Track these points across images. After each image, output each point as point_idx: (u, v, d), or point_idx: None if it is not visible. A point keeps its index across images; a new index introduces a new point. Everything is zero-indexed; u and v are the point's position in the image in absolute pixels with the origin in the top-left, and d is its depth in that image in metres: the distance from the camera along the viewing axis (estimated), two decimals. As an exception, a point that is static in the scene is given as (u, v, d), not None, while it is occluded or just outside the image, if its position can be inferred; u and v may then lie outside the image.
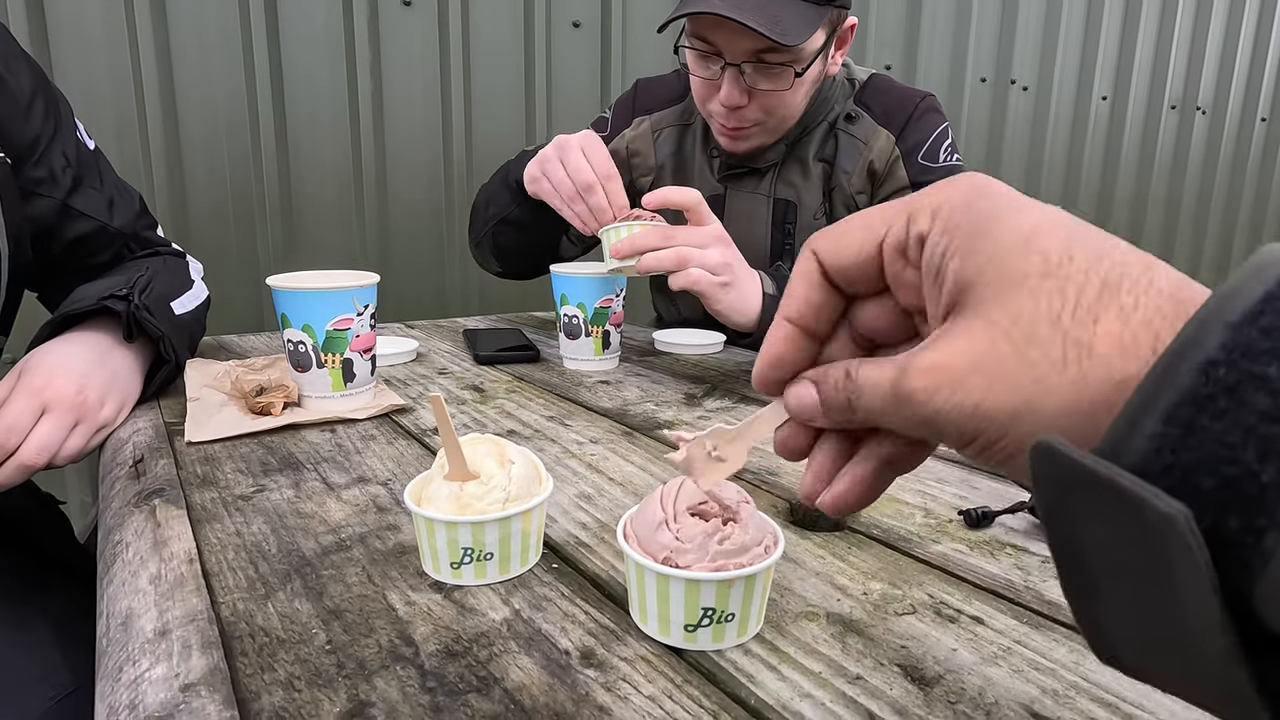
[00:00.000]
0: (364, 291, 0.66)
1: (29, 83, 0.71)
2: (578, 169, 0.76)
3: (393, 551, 0.42)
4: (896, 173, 0.95)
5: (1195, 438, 0.15)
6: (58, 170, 0.73)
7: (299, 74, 1.57)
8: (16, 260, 0.68)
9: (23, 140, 0.69)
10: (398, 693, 0.30)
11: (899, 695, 0.31)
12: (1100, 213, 2.75)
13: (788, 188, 0.99)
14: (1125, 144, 2.73)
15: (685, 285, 0.69)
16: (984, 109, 2.48)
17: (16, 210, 0.68)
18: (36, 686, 0.52)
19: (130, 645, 0.34)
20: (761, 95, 0.89)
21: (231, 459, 0.56)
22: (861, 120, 0.97)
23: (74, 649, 0.56)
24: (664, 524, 0.33)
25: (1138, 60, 2.68)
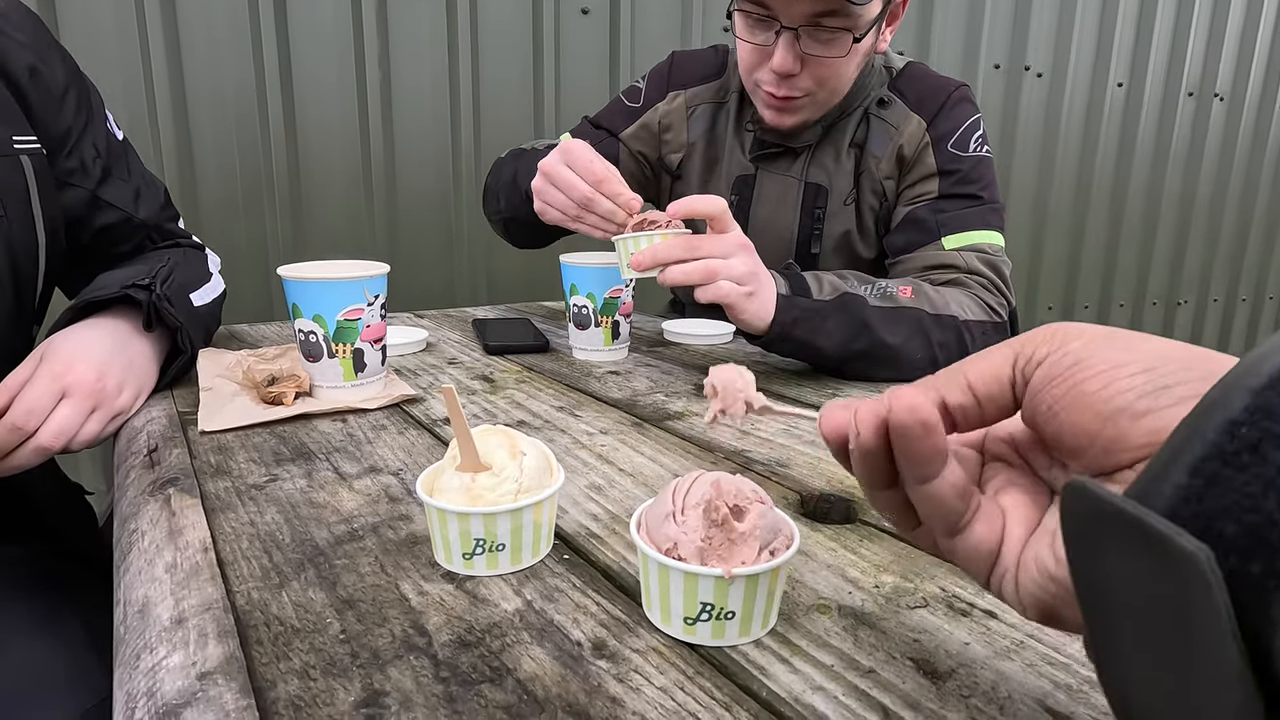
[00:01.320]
0: (374, 281, 0.66)
1: (63, 74, 0.71)
2: (570, 185, 0.73)
3: (405, 541, 0.43)
4: (925, 159, 0.93)
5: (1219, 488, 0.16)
6: (89, 161, 0.73)
7: (308, 64, 1.57)
8: (52, 250, 0.68)
9: (57, 131, 0.70)
10: (412, 682, 0.31)
11: (912, 689, 0.31)
12: (1115, 202, 2.72)
13: (820, 171, 0.98)
14: (1141, 132, 2.69)
15: (713, 299, 0.67)
16: (997, 96, 2.44)
17: (52, 201, 0.68)
18: (71, 692, 0.52)
19: (147, 633, 0.35)
20: (815, 64, 0.87)
21: (244, 448, 0.57)
22: (894, 105, 0.95)
23: (104, 651, 0.57)
24: (671, 516, 0.33)
25: (1155, 46, 2.63)
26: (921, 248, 0.90)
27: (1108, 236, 2.76)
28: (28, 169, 0.66)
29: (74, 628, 0.59)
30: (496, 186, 0.99)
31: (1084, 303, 2.78)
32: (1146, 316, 2.91)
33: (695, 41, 1.94)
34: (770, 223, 1.01)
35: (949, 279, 0.86)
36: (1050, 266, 2.68)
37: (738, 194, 1.02)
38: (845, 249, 1.00)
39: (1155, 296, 2.92)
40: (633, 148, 1.05)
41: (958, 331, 0.79)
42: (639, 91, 1.07)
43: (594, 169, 0.72)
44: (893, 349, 0.75)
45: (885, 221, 0.98)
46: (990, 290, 0.85)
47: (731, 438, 0.61)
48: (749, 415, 0.35)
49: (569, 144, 0.75)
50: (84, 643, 0.58)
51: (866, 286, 0.77)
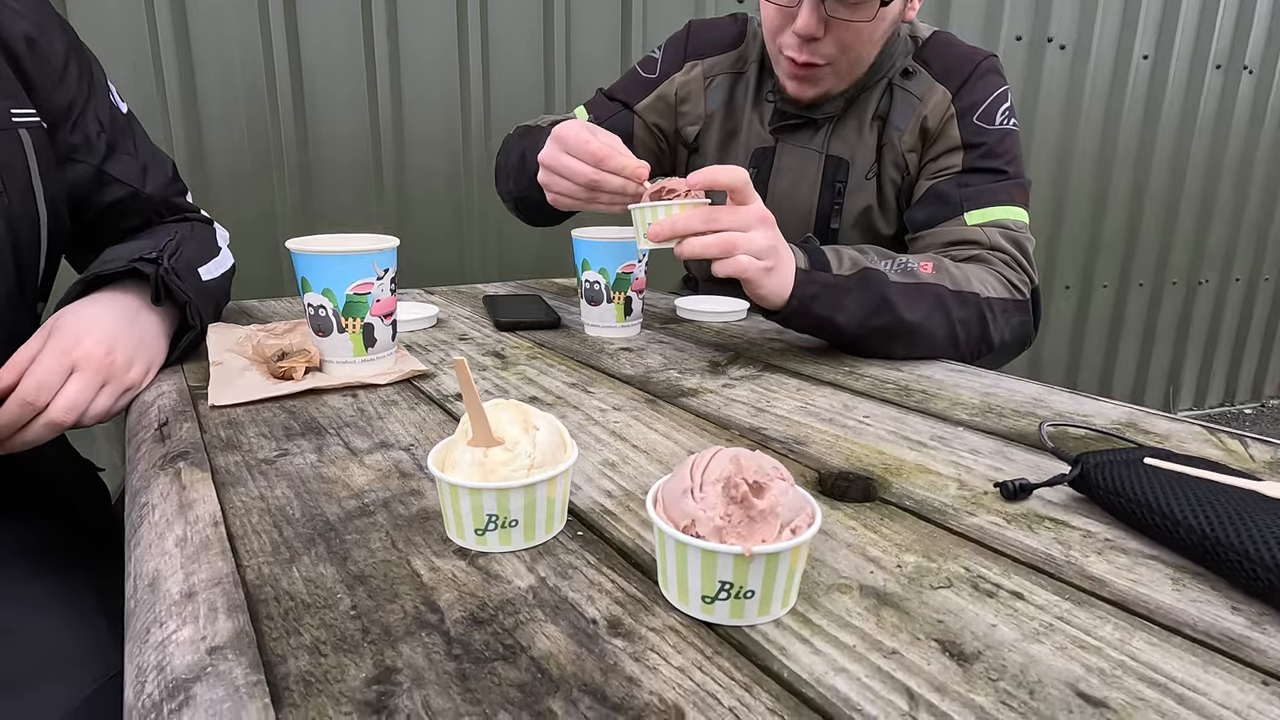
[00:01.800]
0: (384, 255, 0.65)
1: (63, 46, 0.70)
2: (572, 172, 0.71)
3: (416, 517, 0.42)
4: (949, 132, 0.90)
5: None
6: (92, 135, 0.72)
7: (315, 36, 1.55)
8: (54, 227, 0.68)
9: (58, 105, 0.69)
10: (424, 659, 0.30)
11: (937, 671, 0.30)
12: (1138, 176, 2.66)
13: (842, 144, 0.95)
14: (1166, 105, 2.61)
15: (731, 273, 0.65)
16: (1018, 69, 2.38)
17: (53, 177, 0.67)
18: (86, 666, 0.52)
19: (158, 607, 0.34)
20: (839, 28, 0.84)
21: (254, 423, 0.56)
22: (919, 76, 0.92)
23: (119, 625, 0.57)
24: (689, 492, 0.32)
25: (1182, 17, 2.55)
26: (943, 222, 0.87)
27: (1129, 214, 2.70)
28: (27, 144, 0.65)
29: (87, 602, 0.59)
30: (506, 166, 0.97)
31: (1102, 282, 2.74)
32: (1166, 296, 2.86)
33: (710, 11, 1.90)
34: (789, 196, 0.99)
35: (971, 255, 0.84)
36: (1069, 245, 2.63)
37: (756, 166, 1.00)
38: (865, 224, 0.97)
39: (1176, 275, 2.86)
40: (648, 120, 1.03)
41: (979, 309, 0.77)
42: (655, 62, 1.04)
43: (591, 149, 0.70)
44: (912, 326, 0.73)
45: (907, 195, 0.95)
46: (1013, 267, 0.83)
47: (747, 415, 0.60)
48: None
49: (561, 130, 0.72)
50: (97, 617, 0.58)
51: (887, 262, 0.74)
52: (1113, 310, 2.80)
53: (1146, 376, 2.94)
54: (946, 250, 0.86)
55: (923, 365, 0.76)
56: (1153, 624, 0.33)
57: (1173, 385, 3.03)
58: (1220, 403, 3.13)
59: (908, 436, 0.56)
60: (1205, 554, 0.37)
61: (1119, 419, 0.61)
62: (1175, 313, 2.92)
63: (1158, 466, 0.42)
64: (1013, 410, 0.62)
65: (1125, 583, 0.37)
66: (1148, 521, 0.40)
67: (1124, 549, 0.40)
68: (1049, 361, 2.73)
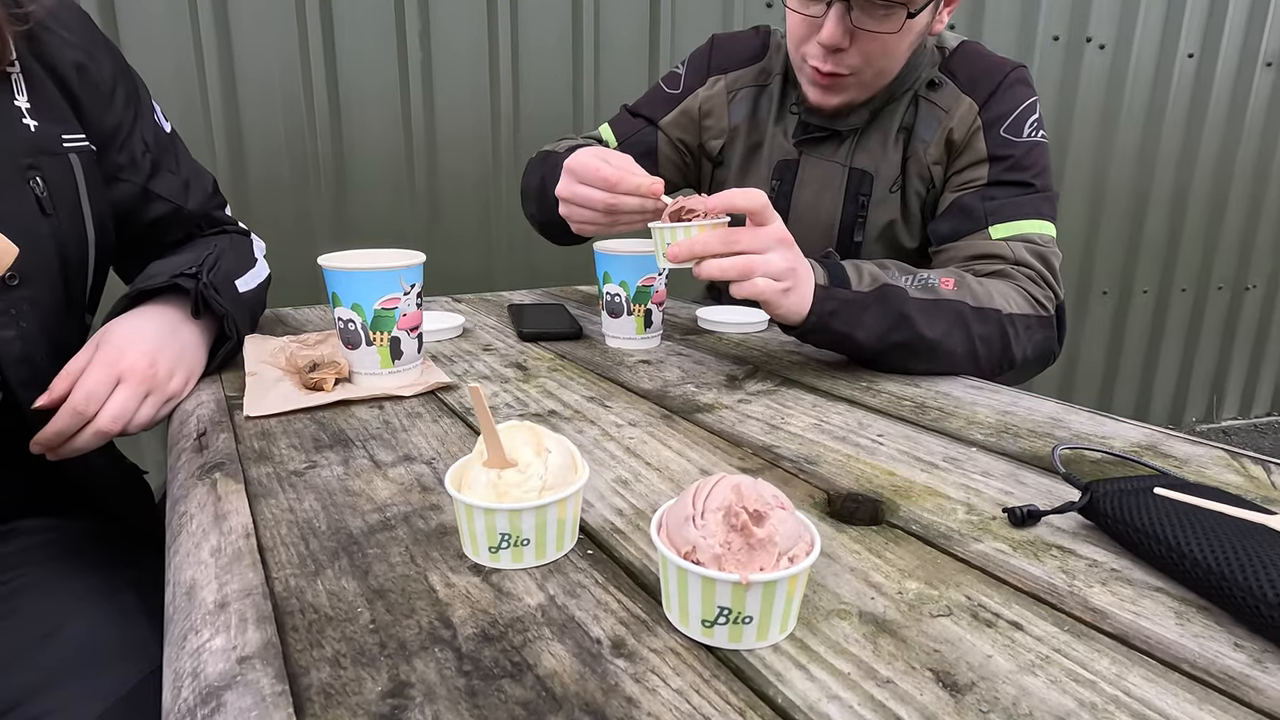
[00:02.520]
0: (410, 271, 0.67)
1: (110, 70, 0.73)
2: (589, 201, 0.72)
3: (434, 532, 0.44)
4: (975, 144, 0.89)
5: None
6: (138, 155, 0.76)
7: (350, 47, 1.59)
8: (101, 243, 0.71)
9: (106, 127, 0.72)
10: (435, 675, 0.32)
11: (929, 701, 0.31)
12: (1180, 180, 2.58)
13: (866, 156, 0.95)
14: (1212, 105, 2.53)
15: (748, 295, 0.66)
16: (1055, 70, 2.33)
17: (101, 197, 0.71)
18: (130, 660, 0.56)
19: (194, 615, 0.36)
20: (864, 39, 0.84)
21: (286, 434, 0.59)
22: (945, 87, 0.91)
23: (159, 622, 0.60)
24: (691, 519, 0.34)
25: (1230, 13, 2.47)
26: (967, 236, 0.87)
27: (1171, 217, 2.62)
28: (76, 167, 0.68)
29: (129, 599, 0.63)
30: (529, 191, 1.00)
31: (1143, 287, 2.67)
32: (1210, 301, 2.77)
33: (737, 14, 1.90)
34: (813, 208, 0.99)
35: (994, 270, 0.83)
36: (1107, 249, 2.56)
37: (780, 179, 1.00)
38: (889, 237, 0.97)
39: (1221, 280, 2.77)
40: (672, 135, 1.04)
41: (1000, 325, 0.77)
42: (679, 78, 1.05)
43: (603, 175, 0.71)
44: (932, 342, 0.73)
45: (932, 208, 0.95)
46: (1037, 283, 0.82)
47: (761, 432, 0.61)
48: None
49: (572, 162, 0.74)
50: (138, 614, 0.61)
51: (907, 277, 0.74)
52: (1153, 316, 2.73)
53: (1189, 384, 2.86)
54: (970, 264, 0.85)
55: (942, 381, 0.75)
56: (1151, 659, 0.34)
57: (1216, 393, 2.94)
58: (1267, 411, 3.02)
59: (920, 457, 0.56)
60: (1211, 588, 0.37)
61: (1138, 441, 0.60)
62: (1220, 318, 2.83)
63: (1167, 496, 0.42)
64: (1029, 431, 0.62)
65: (1128, 615, 0.37)
66: (1155, 553, 0.40)
67: (1130, 580, 0.40)
68: (1085, 369, 2.67)
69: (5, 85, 0.65)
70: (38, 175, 0.65)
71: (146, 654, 0.56)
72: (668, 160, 1.05)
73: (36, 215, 0.65)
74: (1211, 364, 2.88)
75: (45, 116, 0.67)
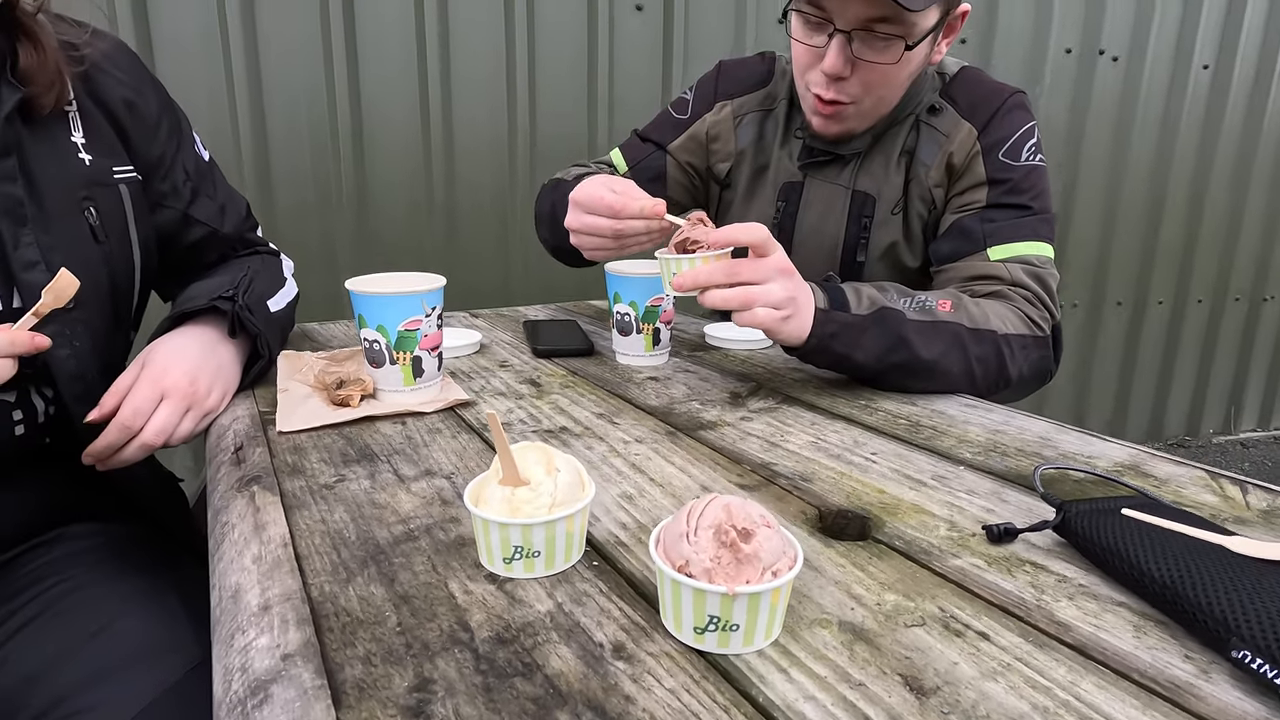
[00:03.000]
0: (432, 295, 0.72)
1: (156, 105, 0.79)
2: (597, 229, 0.77)
3: (454, 543, 0.48)
4: (974, 168, 0.92)
5: None
6: (179, 184, 0.81)
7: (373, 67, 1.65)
8: (145, 266, 0.77)
9: (151, 158, 0.78)
10: (455, 672, 0.36)
11: (896, 703, 0.34)
12: (1195, 189, 2.58)
13: (869, 179, 0.98)
14: (1228, 117, 2.53)
15: (749, 324, 0.69)
16: (1068, 82, 2.35)
17: (146, 223, 0.77)
18: (171, 656, 0.60)
19: (240, 616, 0.41)
20: (865, 69, 0.87)
21: (316, 449, 0.63)
22: (945, 113, 0.95)
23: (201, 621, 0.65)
24: (685, 536, 0.37)
25: (1247, 22, 2.47)
26: (966, 257, 0.90)
27: (1187, 228, 2.62)
28: (125, 197, 0.74)
29: (171, 600, 0.67)
30: (541, 216, 1.05)
31: (1158, 298, 2.66)
32: (1228, 313, 2.76)
33: (748, 39, 1.94)
34: (817, 230, 1.02)
35: (992, 290, 0.86)
36: (1121, 260, 2.57)
37: (785, 200, 1.04)
38: (892, 258, 1.00)
39: (1238, 291, 2.76)
40: (680, 159, 1.08)
41: (996, 346, 0.79)
42: (686, 103, 1.09)
43: (607, 203, 0.75)
44: (929, 363, 0.76)
45: (933, 229, 0.98)
46: (1033, 304, 0.85)
47: (760, 450, 0.65)
48: None
49: (577, 194, 0.78)
50: (180, 613, 0.66)
51: (905, 300, 0.77)
52: (1169, 327, 2.72)
53: (1205, 396, 2.84)
54: (968, 285, 0.88)
55: (938, 400, 0.78)
56: (1106, 668, 0.37)
57: (1234, 405, 2.92)
58: (1287, 423, 2.99)
59: (910, 475, 0.59)
60: (1167, 603, 0.40)
61: (1123, 461, 0.63)
62: (1237, 330, 2.81)
63: (1133, 517, 0.45)
64: (1017, 450, 0.65)
65: (1089, 628, 0.40)
66: (1119, 570, 0.43)
67: (1095, 595, 0.43)
68: (1099, 380, 2.67)
69: (63, 122, 0.70)
70: (92, 205, 0.70)
71: (189, 650, 0.61)
72: (676, 184, 1.09)
73: (90, 243, 0.70)
74: (1229, 376, 2.87)
75: (98, 150, 0.72)
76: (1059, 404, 2.64)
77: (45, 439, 0.71)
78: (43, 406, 0.69)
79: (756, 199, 1.06)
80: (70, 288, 0.56)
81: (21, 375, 0.65)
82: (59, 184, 0.68)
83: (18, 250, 0.63)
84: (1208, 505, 0.54)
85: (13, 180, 0.63)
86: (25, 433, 0.68)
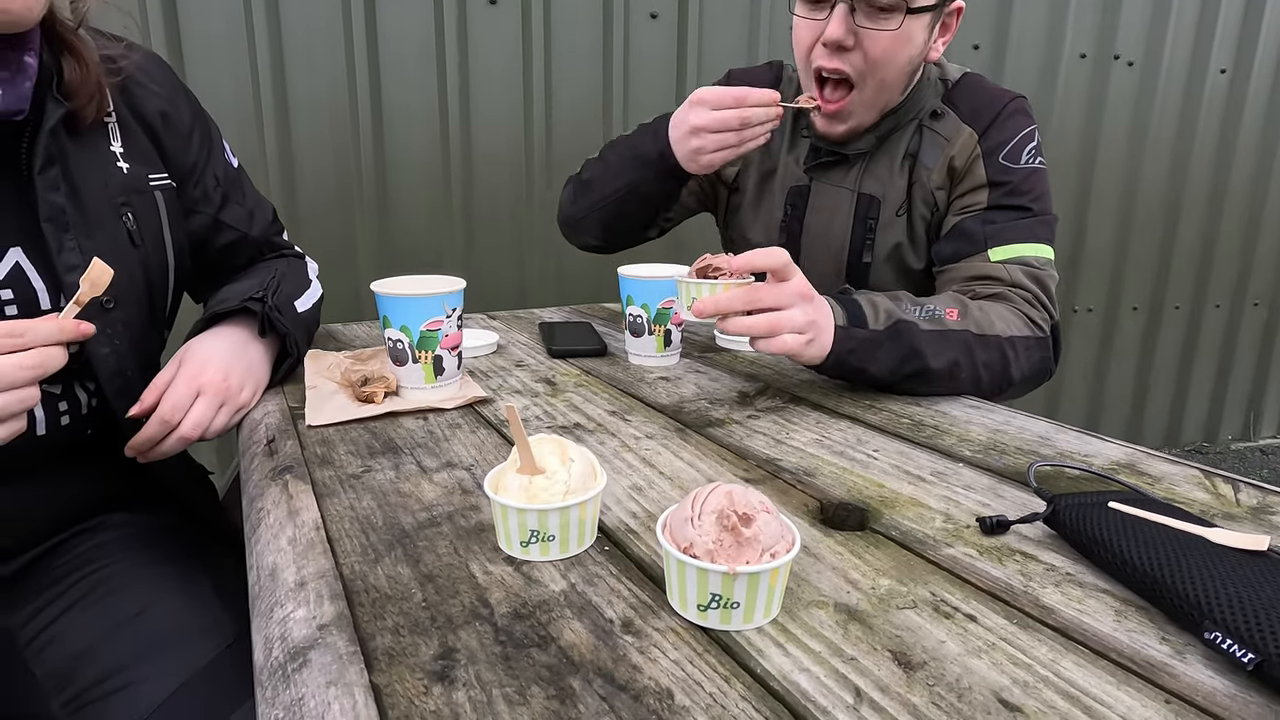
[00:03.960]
0: (452, 297, 0.75)
1: (189, 115, 0.83)
2: (724, 121, 0.86)
3: (474, 529, 0.51)
4: (975, 170, 0.95)
5: None
6: (210, 190, 0.85)
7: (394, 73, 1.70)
8: (179, 267, 0.81)
9: (185, 165, 0.82)
10: (476, 643, 0.39)
11: (885, 675, 0.37)
12: (1214, 198, 2.56)
13: (874, 182, 1.01)
14: (1245, 122, 2.52)
15: (775, 351, 0.71)
16: (1082, 88, 2.35)
17: (180, 227, 0.81)
18: (207, 637, 0.64)
19: (277, 592, 0.44)
20: (867, 40, 0.89)
21: (343, 441, 0.67)
22: (947, 117, 0.97)
23: (231, 605, 0.68)
24: (690, 520, 0.40)
25: (1265, 26, 2.46)
26: (967, 258, 0.92)
27: (1204, 233, 2.61)
28: (160, 203, 0.78)
29: (205, 584, 0.71)
30: (593, 179, 1.07)
31: (1174, 302, 2.65)
32: (1246, 318, 2.74)
33: (761, 45, 1.97)
34: (824, 233, 1.05)
35: (992, 292, 0.88)
36: (1137, 265, 2.56)
37: (792, 204, 1.06)
38: (897, 259, 1.02)
39: (1257, 296, 2.74)
40: None
41: (1000, 349, 0.82)
42: None
43: (734, 94, 0.85)
44: (939, 372, 0.78)
45: (936, 230, 1.00)
46: (1033, 305, 0.87)
47: (766, 446, 0.67)
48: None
49: (699, 94, 0.87)
50: (213, 597, 0.70)
51: (916, 309, 0.80)
52: (1186, 332, 2.70)
53: (1224, 401, 2.82)
54: (969, 285, 0.90)
55: (942, 401, 0.81)
56: (1085, 648, 0.39)
57: (1253, 411, 2.89)
58: (1307, 430, 2.96)
59: (910, 471, 0.62)
60: (1147, 590, 0.42)
61: (1119, 459, 0.65)
62: (1256, 335, 2.79)
63: (1120, 510, 0.47)
64: (1016, 448, 0.67)
65: (1072, 612, 0.42)
66: (1103, 559, 0.45)
67: (1080, 583, 0.45)
68: (1115, 384, 2.66)
69: (103, 133, 0.74)
70: (129, 211, 0.74)
71: (222, 632, 0.65)
72: (689, 191, 1.11)
73: (128, 246, 0.74)
74: (1248, 381, 2.84)
75: (135, 159, 0.76)
76: (1074, 409, 2.63)
77: (88, 430, 0.75)
78: (85, 399, 0.73)
79: (764, 203, 1.09)
80: (105, 275, 0.59)
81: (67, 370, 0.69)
82: (99, 192, 0.72)
83: (61, 254, 0.67)
84: (1199, 502, 0.56)
85: (56, 189, 0.67)
86: (70, 423, 0.72)
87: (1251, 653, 0.35)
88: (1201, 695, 0.35)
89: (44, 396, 0.70)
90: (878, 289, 0.93)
